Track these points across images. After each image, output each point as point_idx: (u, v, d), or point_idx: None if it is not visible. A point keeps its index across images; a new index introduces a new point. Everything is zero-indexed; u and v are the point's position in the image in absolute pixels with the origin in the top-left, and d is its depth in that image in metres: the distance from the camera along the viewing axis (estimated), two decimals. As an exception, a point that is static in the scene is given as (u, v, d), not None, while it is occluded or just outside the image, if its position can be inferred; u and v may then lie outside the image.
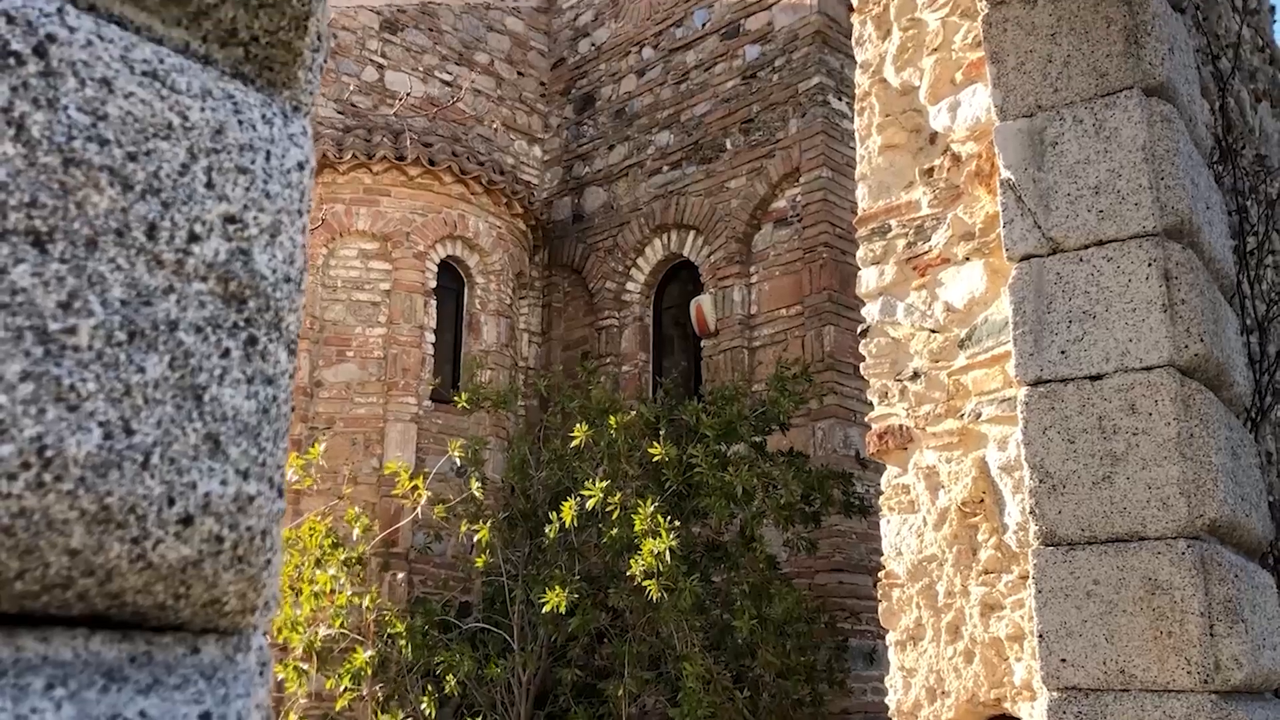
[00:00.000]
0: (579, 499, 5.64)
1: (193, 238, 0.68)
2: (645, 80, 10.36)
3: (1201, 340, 2.88)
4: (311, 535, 6.32)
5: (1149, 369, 2.88)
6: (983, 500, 3.36)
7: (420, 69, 10.20)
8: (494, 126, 10.39)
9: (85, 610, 0.63)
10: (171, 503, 0.64)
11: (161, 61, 0.69)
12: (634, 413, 6.05)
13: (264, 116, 0.76)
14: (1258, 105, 4.79)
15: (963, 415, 3.45)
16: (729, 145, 9.46)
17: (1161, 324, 2.89)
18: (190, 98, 0.70)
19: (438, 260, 8.94)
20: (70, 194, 0.62)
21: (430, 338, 8.70)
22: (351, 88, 9.57)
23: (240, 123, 0.73)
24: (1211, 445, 2.80)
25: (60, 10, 0.65)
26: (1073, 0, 3.20)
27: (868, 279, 3.83)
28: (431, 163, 8.74)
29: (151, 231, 0.66)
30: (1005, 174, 3.22)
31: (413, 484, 6.24)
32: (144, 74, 0.68)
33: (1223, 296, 3.27)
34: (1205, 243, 3.15)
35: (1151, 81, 3.08)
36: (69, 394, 0.59)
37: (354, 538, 6.60)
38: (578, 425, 5.94)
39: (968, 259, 3.55)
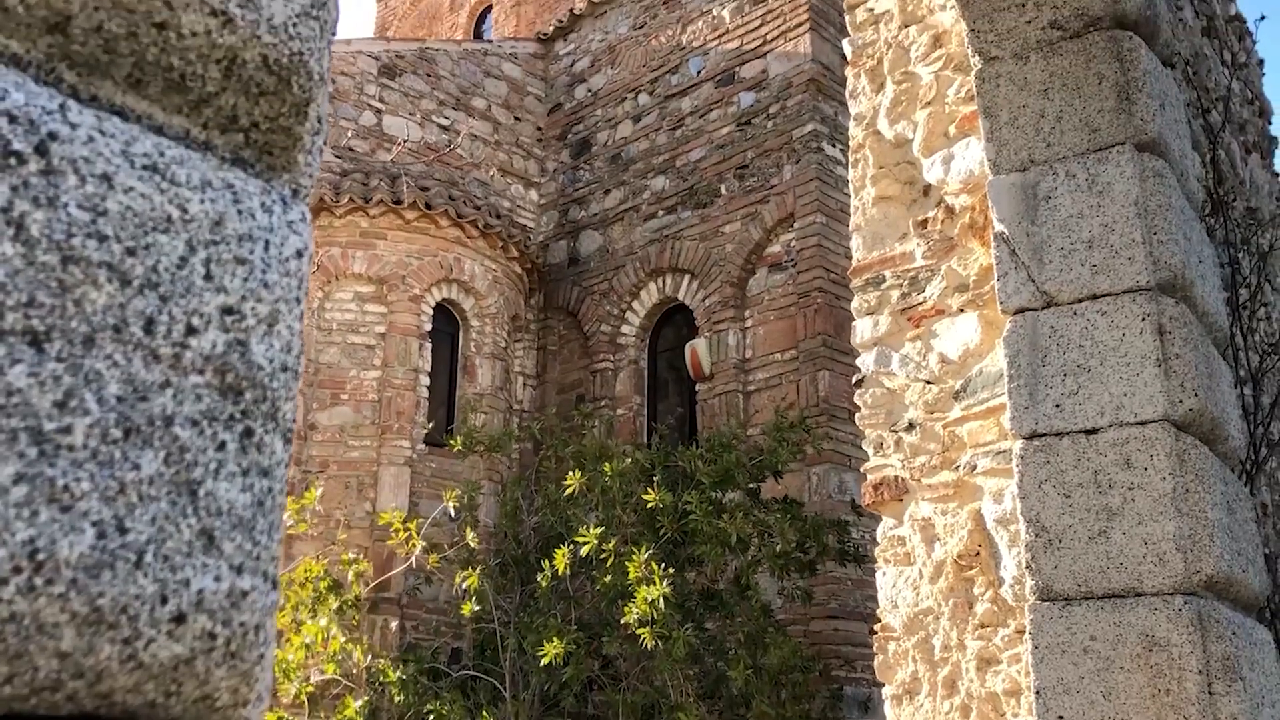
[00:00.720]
0: (572, 546, 5.61)
1: (190, 331, 0.68)
2: (641, 126, 10.44)
3: (1196, 395, 2.89)
4: (306, 581, 6.27)
5: (1144, 424, 2.88)
6: (979, 553, 3.34)
7: (418, 114, 10.27)
8: (490, 174, 10.45)
9: (74, 710, 0.62)
10: (164, 601, 0.63)
11: (162, 154, 0.69)
12: (629, 459, 6.03)
13: (263, 205, 0.76)
14: (1248, 157, 4.83)
15: (958, 467, 3.44)
16: (724, 190, 9.51)
17: (1156, 379, 2.89)
18: (190, 190, 0.70)
19: (433, 303, 8.95)
20: (68, 292, 0.62)
21: (425, 381, 8.69)
22: (349, 132, 9.63)
23: (239, 213, 0.73)
24: (1207, 500, 2.80)
25: (62, 106, 0.65)
26: (1064, 57, 3.23)
27: (862, 329, 3.84)
28: (428, 206, 8.77)
29: (149, 326, 0.65)
30: (999, 227, 3.24)
31: (407, 533, 6.21)
32: (144, 168, 0.68)
33: (1216, 350, 3.28)
34: (1198, 297, 3.16)
35: (1143, 137, 3.11)
36: (62, 494, 0.59)
37: (348, 582, 6.55)
38: (571, 472, 5.92)
39: (962, 310, 3.57)
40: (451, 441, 7.42)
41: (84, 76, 0.71)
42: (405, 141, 9.78)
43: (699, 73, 10.04)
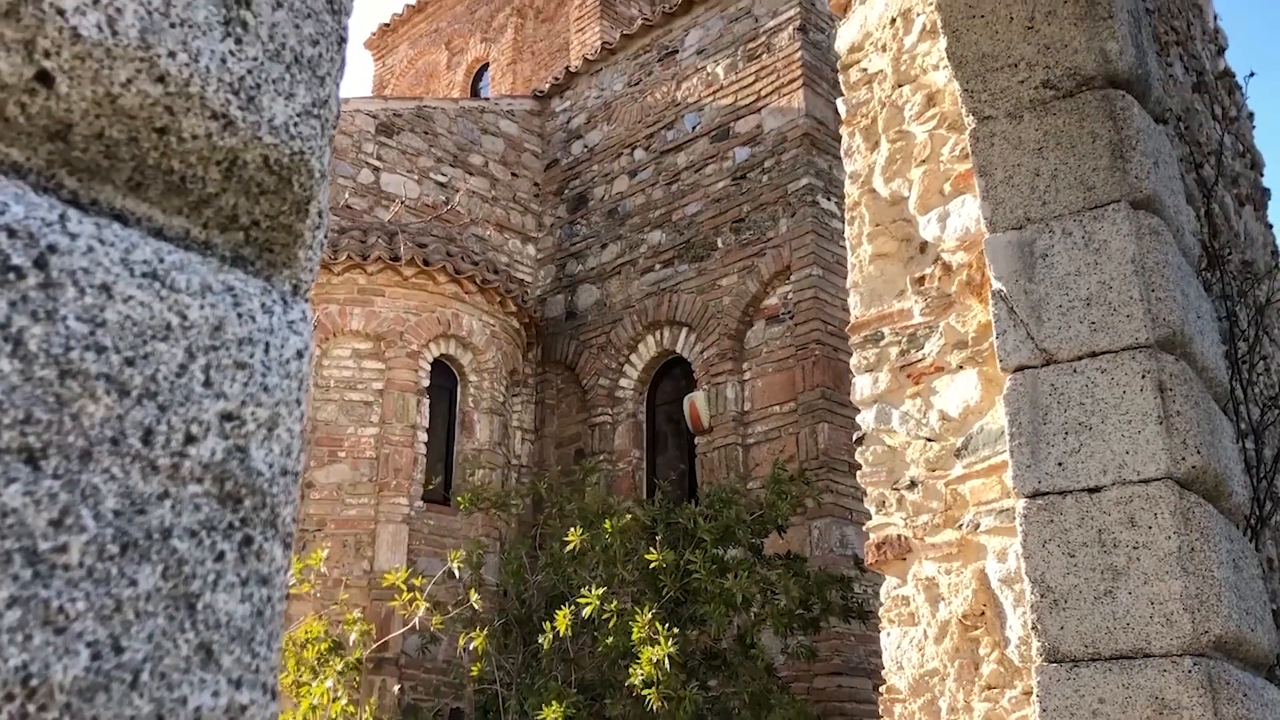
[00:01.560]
0: (574, 606, 5.56)
1: (189, 439, 0.67)
2: (637, 181, 10.51)
3: (1198, 452, 2.87)
4: (308, 642, 6.20)
5: (1147, 482, 2.87)
6: (984, 613, 3.31)
7: (415, 171, 10.34)
8: (488, 230, 10.51)
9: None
10: (160, 721, 0.61)
11: (162, 260, 0.69)
12: (630, 516, 5.99)
13: (264, 306, 0.75)
14: (1241, 210, 4.86)
15: (961, 526, 3.42)
16: (720, 244, 9.56)
17: (1158, 436, 2.88)
18: (190, 295, 0.69)
19: (431, 359, 8.95)
20: (66, 406, 0.61)
21: (423, 437, 8.66)
22: (347, 190, 9.69)
23: (240, 316, 0.72)
24: (1213, 559, 2.77)
25: (62, 217, 0.65)
26: (1058, 116, 3.26)
27: (862, 386, 3.84)
28: (426, 262, 8.81)
29: (147, 437, 0.64)
30: (996, 285, 3.25)
31: (410, 595, 6.15)
32: (144, 275, 0.67)
33: (1217, 405, 3.28)
34: (1198, 352, 3.16)
35: (1138, 195, 3.13)
36: (57, 616, 0.58)
37: (350, 643, 6.48)
38: (573, 529, 5.88)
39: (961, 367, 3.56)
40: (459, 500, 7.36)
41: (84, 182, 0.71)
42: (404, 201, 9.84)
43: (694, 128, 10.13)
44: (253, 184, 0.77)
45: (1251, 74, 4.53)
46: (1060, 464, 3.00)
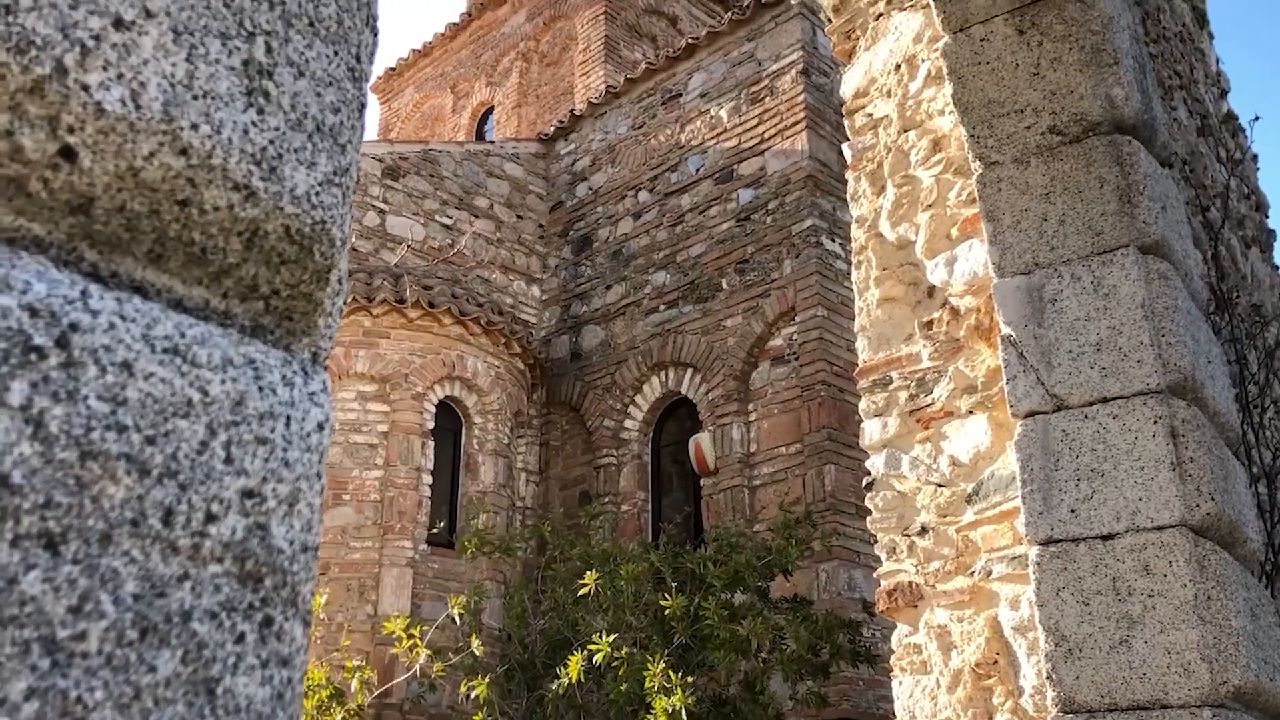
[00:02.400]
0: (585, 653, 5.50)
1: (210, 518, 0.65)
2: (642, 222, 10.55)
3: (1213, 499, 2.85)
4: (309, 690, 6.13)
5: (1161, 529, 2.84)
6: (997, 661, 3.27)
7: (421, 213, 10.39)
8: (492, 274, 10.54)
9: None
10: (178, 813, 0.60)
11: (183, 335, 0.68)
12: (646, 564, 5.94)
13: (284, 378, 0.74)
14: (1248, 251, 4.86)
15: (973, 573, 3.38)
16: (725, 285, 9.57)
17: (1171, 483, 2.86)
18: (211, 370, 0.68)
19: (436, 401, 8.94)
20: (86, 489, 0.59)
21: (427, 479, 8.63)
22: (353, 233, 9.73)
23: (261, 390, 0.71)
24: (1230, 608, 2.74)
25: (84, 294, 0.64)
26: (1065, 162, 3.27)
27: (871, 431, 3.82)
28: (431, 304, 8.82)
29: (168, 517, 0.63)
30: (1006, 330, 3.24)
31: (411, 641, 6.10)
32: (165, 351, 0.66)
33: (1229, 450, 3.25)
34: (1209, 397, 3.14)
35: (1147, 240, 3.13)
36: (75, 707, 0.56)
37: (352, 690, 6.41)
38: (588, 573, 5.82)
39: (971, 412, 3.54)
40: (464, 543, 7.32)
41: (105, 254, 0.70)
42: (409, 244, 9.88)
43: (698, 170, 10.19)
44: (274, 254, 0.76)
45: (1256, 118, 4.55)
46: (1073, 511, 2.98)
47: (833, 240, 9.16)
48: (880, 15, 4.22)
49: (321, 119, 0.79)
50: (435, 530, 8.28)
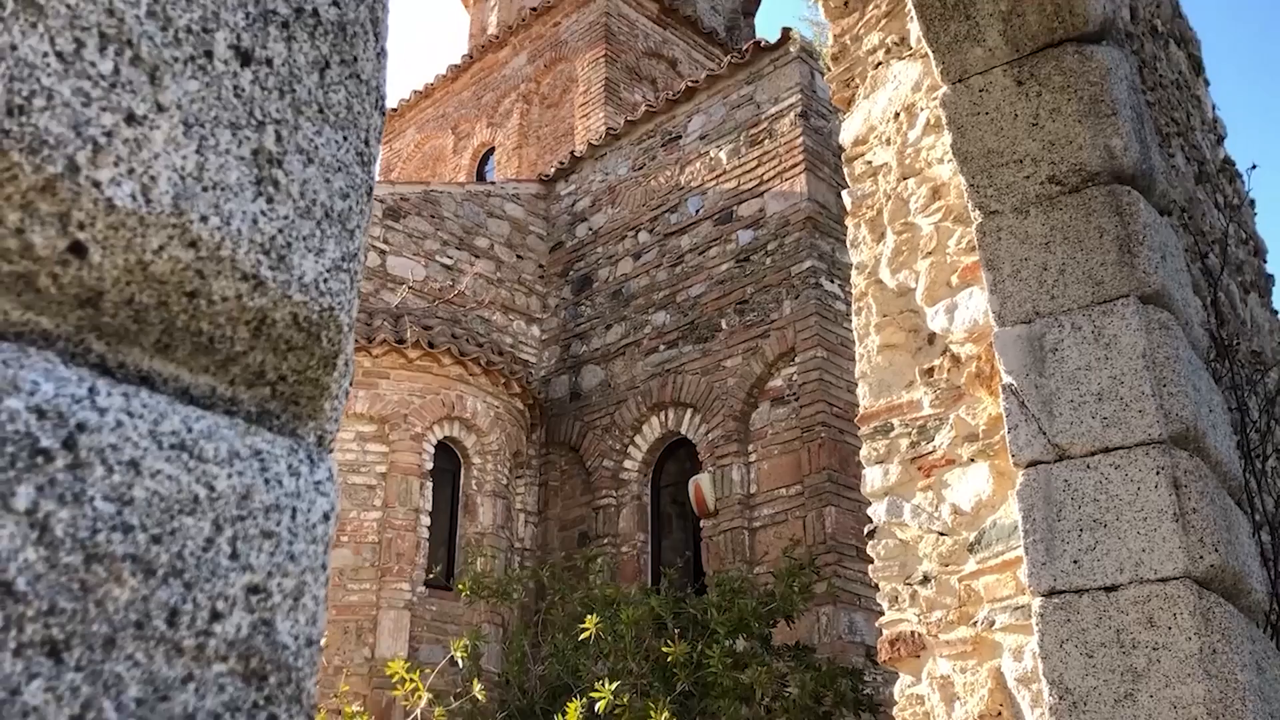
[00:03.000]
0: (586, 699, 5.45)
1: (215, 616, 0.65)
2: (641, 262, 10.58)
3: (1216, 550, 2.84)
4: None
5: (1165, 580, 2.83)
6: (1000, 713, 3.24)
7: (421, 254, 10.42)
8: (493, 314, 10.55)
9: None
10: None
11: (190, 429, 0.68)
12: (646, 608, 5.90)
13: (290, 468, 0.74)
14: (1247, 297, 4.88)
15: (976, 623, 3.36)
16: (724, 325, 9.59)
17: (1174, 534, 2.85)
18: (217, 465, 0.68)
19: (435, 441, 8.92)
20: (90, 593, 0.59)
21: (426, 521, 8.60)
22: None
23: (267, 482, 0.71)
24: (1236, 662, 2.72)
25: (91, 390, 0.64)
26: (1064, 211, 3.28)
27: (872, 478, 3.80)
28: (431, 345, 8.83)
29: (172, 618, 0.63)
30: (1007, 379, 3.24)
31: (412, 685, 6.03)
32: (172, 447, 0.66)
33: (1232, 500, 3.24)
34: (1211, 447, 3.13)
35: (1147, 289, 3.13)
36: (77, 818, 0.55)
37: (346, 736, 6.34)
38: (589, 617, 5.78)
39: (973, 460, 3.54)
40: (460, 586, 7.27)
41: (112, 345, 0.70)
42: (410, 285, 9.90)
43: (697, 211, 10.23)
44: (281, 341, 0.76)
45: (1254, 166, 4.57)
46: (1076, 561, 2.96)
47: (832, 281, 9.19)
48: (879, 64, 4.26)
49: (330, 205, 0.80)
50: (433, 574, 8.23)
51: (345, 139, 0.82)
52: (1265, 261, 5.43)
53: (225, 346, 0.74)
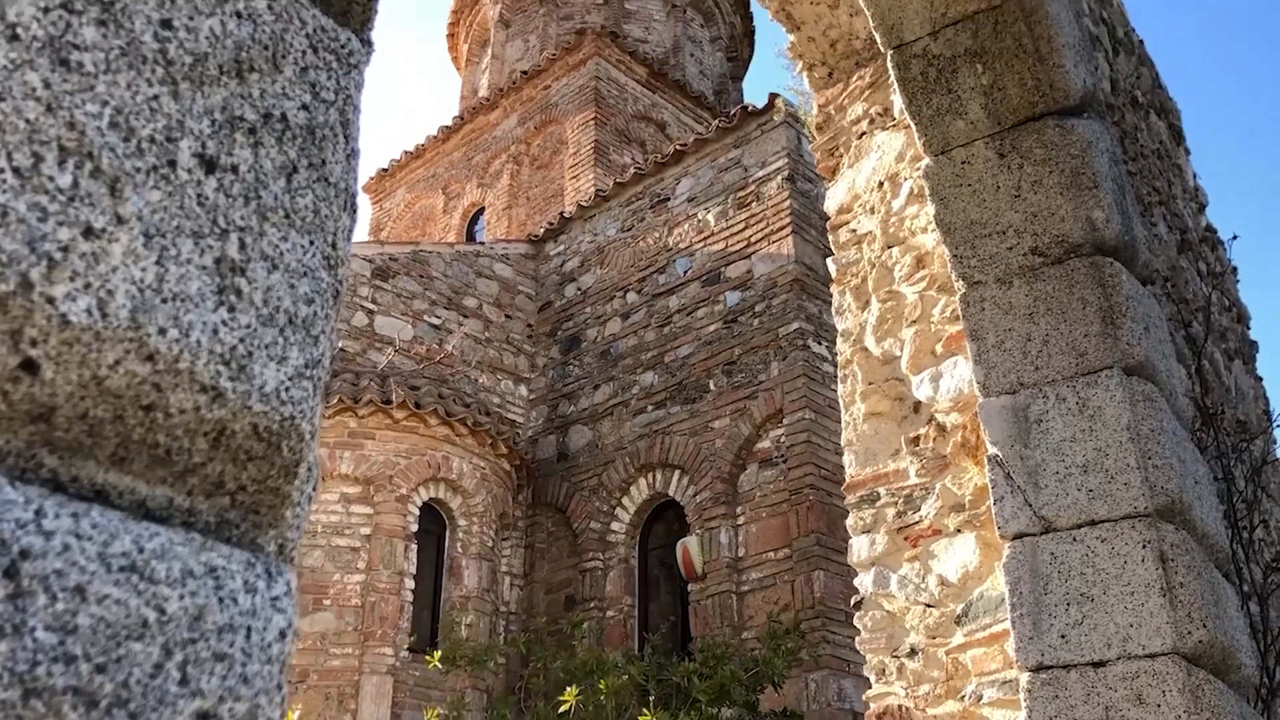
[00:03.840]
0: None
1: (160, 748, 0.63)
2: (630, 323, 10.60)
3: (1204, 625, 2.81)
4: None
5: (1153, 656, 2.79)
6: (990, 791, 3.18)
7: (410, 313, 10.43)
8: (480, 376, 10.54)
9: None
10: None
11: (141, 550, 0.66)
12: (624, 675, 5.82)
13: (246, 584, 0.72)
14: (1231, 364, 4.89)
15: (964, 697, 3.32)
16: (712, 386, 9.58)
17: (1162, 609, 2.82)
18: (169, 586, 0.66)
19: (420, 503, 8.85)
20: (28, 730, 0.57)
21: (410, 584, 8.50)
22: (342, 334, 9.74)
23: (221, 601, 0.69)
24: (1226, 741, 2.68)
25: (38, 513, 0.62)
26: (1047, 282, 3.29)
27: (859, 548, 3.78)
28: (418, 405, 8.79)
29: (115, 751, 0.60)
30: (992, 450, 3.23)
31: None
32: (121, 569, 0.64)
33: (1219, 572, 3.22)
34: (1197, 519, 3.12)
35: (1130, 361, 3.14)
36: None
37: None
38: (568, 689, 5.70)
39: (959, 531, 3.51)
40: (429, 659, 7.18)
41: (65, 460, 0.68)
42: (397, 347, 9.89)
43: (686, 272, 10.28)
44: (241, 452, 0.75)
45: (1235, 237, 4.62)
46: (1063, 636, 2.93)
47: (819, 343, 9.20)
48: (863, 134, 4.30)
49: (294, 311, 0.79)
50: (414, 640, 8.11)
51: (312, 243, 0.82)
52: (1248, 328, 5.46)
53: (183, 458, 0.73)
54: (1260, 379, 5.35)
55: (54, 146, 0.66)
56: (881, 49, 3.56)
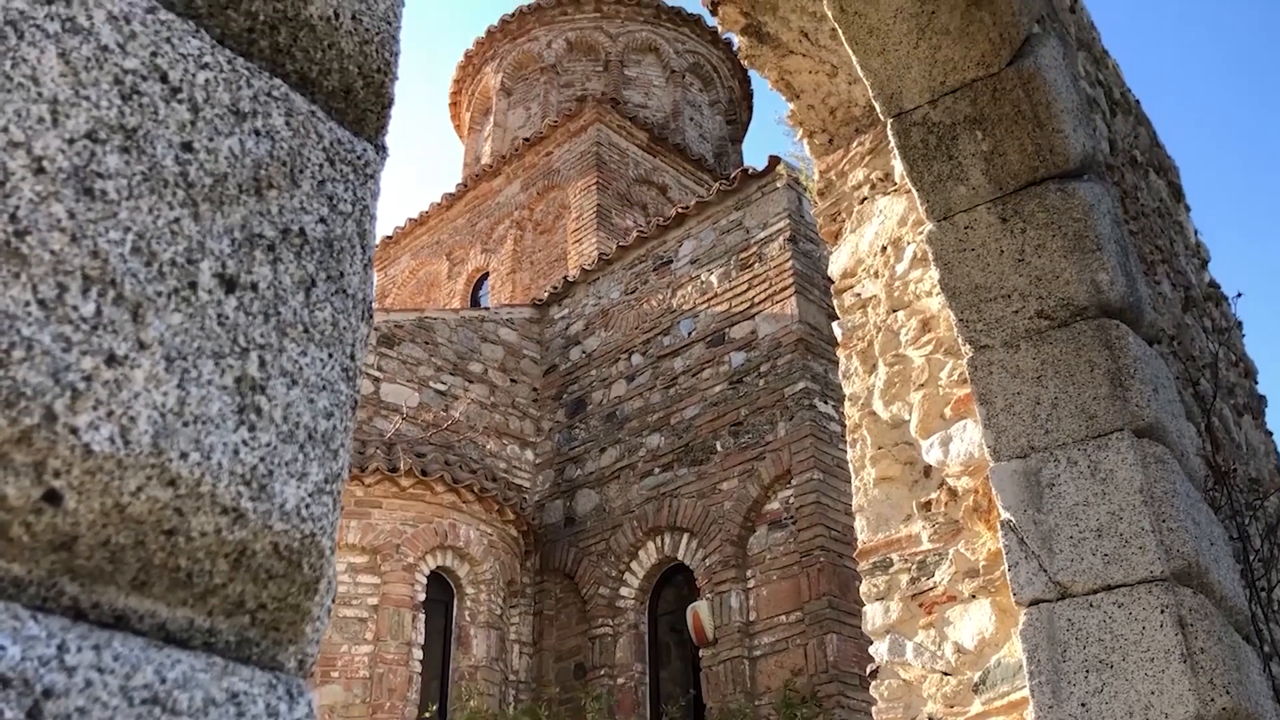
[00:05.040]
0: None
1: None
2: (635, 385, 10.60)
3: (1227, 692, 2.77)
4: None
5: (1177, 725, 2.75)
6: None
7: (415, 380, 10.44)
8: (487, 443, 10.52)
9: None
10: None
11: (163, 680, 0.65)
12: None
13: (268, 707, 0.71)
14: (1240, 420, 4.87)
15: (984, 768, 3.26)
16: (719, 447, 9.55)
17: (1183, 675, 2.78)
18: (191, 716, 0.65)
19: (427, 571, 8.79)
20: None
21: (418, 654, 8.40)
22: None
23: (242, 728, 0.68)
24: (1255, 811, 2.63)
25: (60, 649, 0.62)
26: (1054, 345, 3.30)
27: (873, 616, 3.74)
28: (424, 472, 8.76)
29: None
30: (1005, 515, 3.21)
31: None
32: (144, 701, 0.63)
33: (1240, 636, 3.18)
34: (1215, 582, 3.09)
35: (1141, 423, 3.13)
36: None
37: None
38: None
39: (974, 597, 3.48)
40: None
41: (86, 587, 0.68)
42: (403, 414, 9.89)
43: (690, 334, 10.30)
44: (261, 571, 0.74)
45: (1239, 294, 4.63)
46: (1084, 705, 2.89)
47: (825, 402, 9.19)
48: (865, 199, 4.34)
49: (314, 426, 0.79)
50: (427, 715, 8.00)
51: (330, 356, 0.82)
52: (1256, 383, 5.45)
53: (204, 580, 0.72)
54: (1270, 434, 5.33)
55: (78, 276, 0.66)
56: (881, 117, 3.60)
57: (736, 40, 4.52)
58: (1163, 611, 2.86)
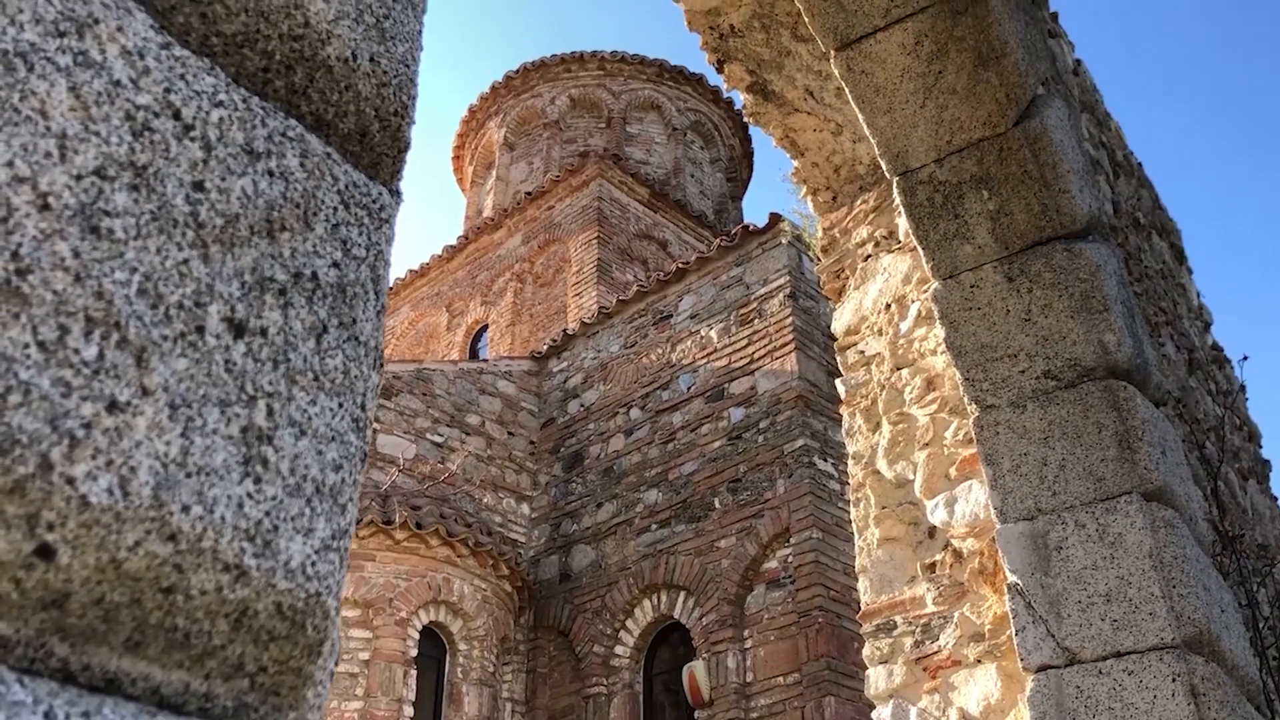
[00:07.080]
0: None
1: None
2: (633, 439, 10.54)
3: (1242, 764, 2.70)
4: None
5: (1191, 798, 2.67)
6: None
7: (412, 431, 10.38)
8: (482, 499, 10.44)
9: None
10: None
11: (155, 751, 0.61)
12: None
13: (266, 782, 0.67)
14: (1246, 484, 4.83)
15: (991, 840, 3.17)
16: (717, 504, 9.47)
17: (1197, 747, 2.71)
18: (185, 791, 0.61)
19: (420, 626, 8.66)
20: None
21: (409, 711, 8.25)
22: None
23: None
24: None
25: (47, 716, 0.57)
26: (1062, 406, 3.26)
27: (876, 680, 3.66)
28: (419, 525, 8.67)
29: None
30: (1012, 578, 3.15)
31: None
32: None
33: (1252, 706, 3.11)
34: (1226, 650, 3.03)
35: (1149, 486, 3.08)
36: None
37: None
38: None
39: (980, 661, 3.41)
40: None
41: (77, 647, 0.64)
42: (400, 466, 9.82)
43: (689, 389, 10.26)
44: (263, 632, 0.70)
45: (1245, 358, 4.61)
46: (1095, 776, 2.81)
47: (825, 460, 9.13)
48: (869, 256, 4.33)
49: (322, 479, 0.75)
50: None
51: (341, 405, 0.78)
52: (1261, 447, 5.41)
53: (202, 641, 0.68)
54: (1275, 499, 5.28)
55: (80, 318, 0.63)
56: (887, 175, 3.60)
57: (741, 98, 4.54)
58: (1174, 680, 2.80)
